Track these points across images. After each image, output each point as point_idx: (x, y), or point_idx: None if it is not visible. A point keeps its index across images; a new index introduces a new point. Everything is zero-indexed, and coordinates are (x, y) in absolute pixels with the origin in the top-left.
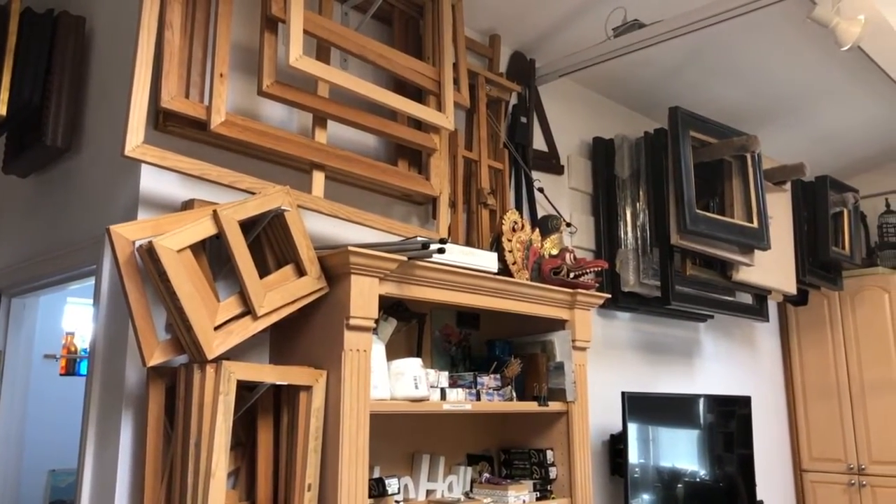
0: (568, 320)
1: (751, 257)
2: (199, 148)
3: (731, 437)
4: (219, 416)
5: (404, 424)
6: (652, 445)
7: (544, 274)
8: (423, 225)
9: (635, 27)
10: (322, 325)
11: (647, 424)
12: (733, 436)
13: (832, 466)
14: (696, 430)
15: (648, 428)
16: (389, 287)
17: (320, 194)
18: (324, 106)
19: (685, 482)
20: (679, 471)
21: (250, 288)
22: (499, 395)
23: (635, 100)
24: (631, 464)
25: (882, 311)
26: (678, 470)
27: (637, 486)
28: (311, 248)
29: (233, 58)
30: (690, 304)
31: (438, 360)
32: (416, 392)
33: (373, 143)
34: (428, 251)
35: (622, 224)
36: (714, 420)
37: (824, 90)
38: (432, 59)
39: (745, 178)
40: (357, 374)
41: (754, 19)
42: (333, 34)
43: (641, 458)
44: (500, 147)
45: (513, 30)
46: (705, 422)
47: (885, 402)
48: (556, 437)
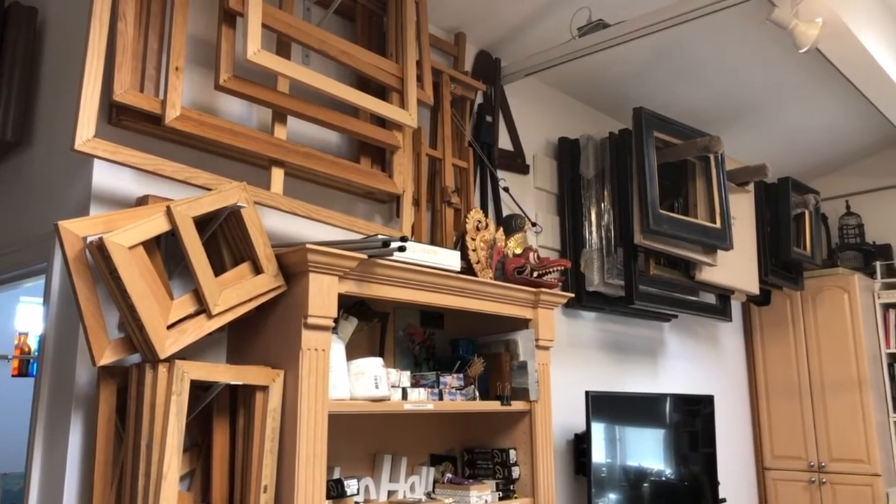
0: (531, 319)
1: (714, 257)
2: (155, 143)
3: (695, 436)
4: (171, 416)
5: (366, 424)
6: (617, 444)
7: (508, 273)
8: (386, 223)
9: (600, 27)
10: (280, 323)
11: (611, 424)
12: (697, 434)
13: (793, 464)
14: (660, 428)
15: (614, 427)
16: (350, 286)
17: (279, 191)
18: (283, 101)
19: (650, 481)
20: (644, 470)
21: (205, 286)
22: (462, 395)
23: (601, 100)
24: (596, 463)
25: (842, 311)
26: (643, 469)
27: (602, 486)
28: (269, 246)
29: (190, 51)
30: (654, 304)
31: (402, 359)
32: (377, 392)
33: (335, 140)
34: (388, 249)
35: (587, 224)
36: (678, 419)
37: (787, 93)
38: (395, 55)
39: (708, 179)
40: (315, 374)
41: (718, 22)
42: (293, 29)
43: (608, 458)
44: (466, 146)
45: (478, 28)
46: (669, 421)
47: (844, 400)
48: (520, 436)
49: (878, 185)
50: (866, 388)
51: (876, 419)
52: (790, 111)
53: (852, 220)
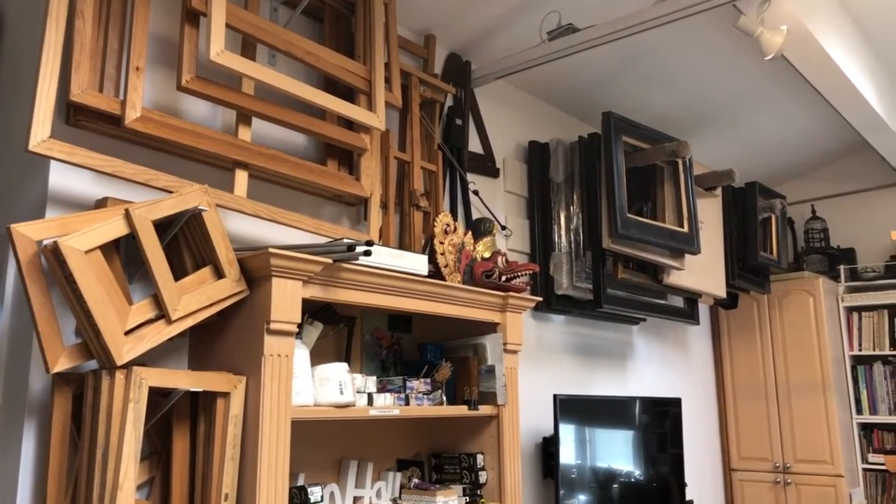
0: (500, 323)
1: (681, 261)
2: (116, 144)
3: (663, 438)
4: (128, 424)
5: (331, 430)
6: (586, 447)
7: (476, 277)
8: (354, 226)
9: (569, 31)
10: (242, 329)
11: (579, 427)
12: (664, 437)
13: (759, 465)
14: (628, 431)
15: (583, 430)
16: (314, 290)
17: (243, 194)
18: (248, 103)
19: (618, 483)
20: (612, 472)
21: (164, 291)
22: (429, 400)
23: (572, 104)
24: (565, 465)
25: (807, 314)
26: (611, 471)
27: (570, 488)
28: (231, 250)
29: (153, 51)
30: (622, 308)
31: (368, 364)
32: (341, 398)
33: (302, 142)
34: (354, 254)
35: (556, 228)
36: (645, 422)
37: (754, 99)
38: (363, 57)
39: (676, 184)
40: (278, 380)
41: (687, 28)
42: (258, 29)
43: (576, 461)
44: (435, 149)
45: (448, 30)
46: (637, 423)
47: (809, 402)
48: (487, 440)
49: (843, 189)
50: (830, 391)
51: (839, 421)
52: (757, 117)
53: (818, 225)
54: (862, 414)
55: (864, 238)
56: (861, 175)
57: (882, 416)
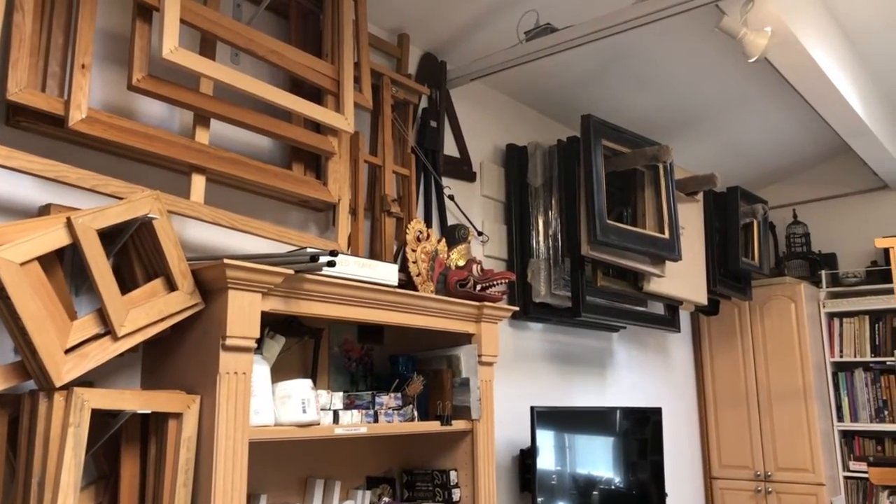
0: (474, 334)
1: (662, 268)
2: (64, 147)
3: (643, 448)
4: (67, 450)
5: (296, 448)
6: (566, 458)
7: (450, 286)
8: (322, 233)
9: (547, 31)
10: (196, 345)
11: (557, 439)
12: (644, 446)
13: (740, 473)
14: (607, 441)
15: (561, 441)
16: (275, 303)
17: (200, 200)
18: (206, 104)
19: (598, 492)
20: (592, 481)
21: (109, 305)
22: (399, 416)
23: (551, 106)
24: (543, 474)
25: (789, 320)
26: (591, 481)
27: (549, 500)
28: (184, 260)
29: (105, 48)
30: (602, 316)
31: (337, 377)
32: (304, 416)
33: (267, 145)
34: (317, 265)
35: (534, 233)
36: (625, 432)
37: (736, 101)
38: (331, 56)
39: (657, 189)
40: (234, 400)
41: (668, 29)
42: (216, 25)
43: (554, 472)
44: (408, 152)
45: (423, 30)
46: (616, 434)
47: (790, 409)
48: (461, 456)
49: (825, 194)
50: (811, 398)
51: (820, 428)
52: (739, 120)
53: (799, 229)
54: (843, 421)
55: (846, 243)
56: (843, 179)
57: (863, 424)
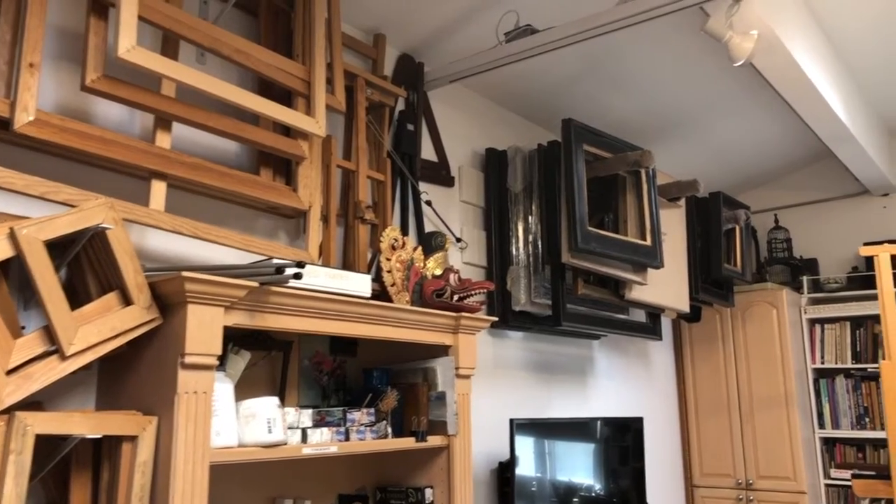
0: (451, 346)
1: (644, 276)
2: (13, 151)
3: (624, 458)
4: (8, 479)
5: (264, 467)
6: (545, 467)
7: (426, 296)
8: (292, 241)
9: (528, 32)
10: (154, 362)
11: (536, 450)
12: (625, 455)
13: (722, 482)
14: (588, 452)
15: (541, 453)
16: (239, 317)
17: (160, 207)
18: (166, 106)
19: (579, 500)
20: (572, 490)
21: (57, 322)
22: (372, 433)
23: (532, 110)
24: (525, 482)
25: (770, 326)
26: (571, 490)
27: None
28: (140, 273)
29: (59, 46)
30: (582, 325)
31: (307, 392)
32: (270, 437)
33: (236, 149)
34: (282, 277)
35: (514, 240)
36: (606, 441)
37: (719, 105)
38: (302, 56)
39: (639, 195)
40: (194, 421)
41: (651, 33)
42: (178, 23)
43: (534, 483)
44: (384, 156)
45: (400, 30)
46: (597, 444)
47: (771, 417)
48: (437, 473)
49: (806, 199)
50: (793, 405)
51: (801, 435)
52: (722, 125)
53: (781, 234)
54: (824, 428)
55: (827, 248)
56: (824, 185)
57: (844, 431)
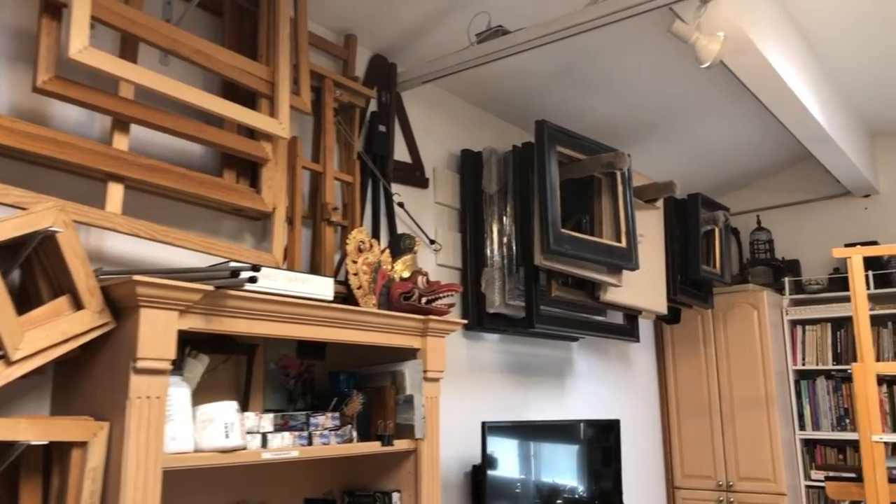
0: (420, 349)
1: (619, 277)
2: None
3: (600, 460)
4: None
5: (228, 472)
6: (520, 470)
7: (393, 299)
8: (258, 243)
9: (499, 33)
10: (107, 367)
11: (511, 452)
12: (602, 458)
13: (702, 483)
14: (565, 454)
15: (518, 452)
16: (195, 321)
17: (117, 210)
18: (124, 108)
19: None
20: (548, 492)
21: (2, 326)
22: (336, 437)
23: (509, 110)
24: (499, 486)
25: (751, 328)
26: (547, 492)
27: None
28: (92, 277)
29: (14, 46)
30: (557, 327)
31: (273, 396)
32: (227, 442)
33: (200, 151)
34: (238, 280)
35: (489, 242)
36: (582, 444)
37: (698, 107)
38: (266, 57)
39: (614, 196)
40: (146, 426)
41: (627, 33)
42: (133, 24)
43: (511, 479)
44: (354, 158)
45: (372, 30)
46: (573, 447)
47: (752, 418)
48: (404, 477)
49: (788, 200)
50: (773, 406)
51: (782, 437)
52: (702, 126)
53: (763, 236)
54: (805, 430)
55: (809, 250)
56: (806, 186)
57: (825, 432)
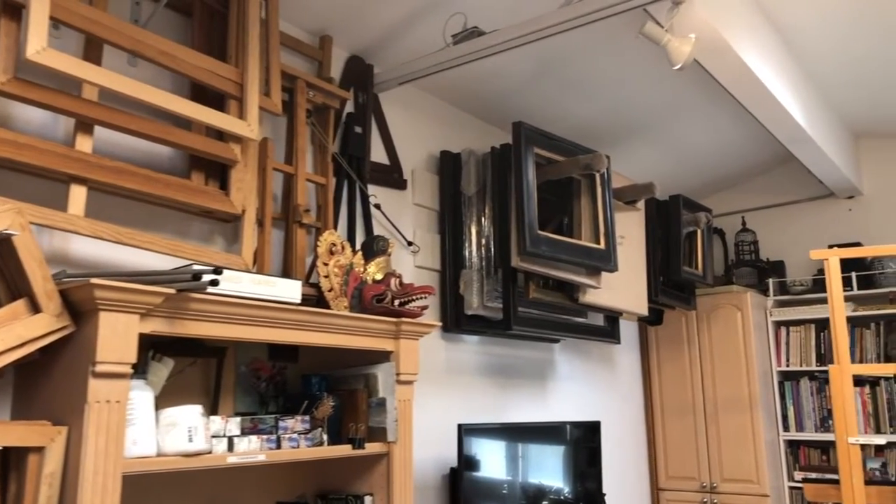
0: (393, 351)
1: (598, 279)
2: None
3: (580, 461)
4: None
5: (199, 476)
6: (499, 472)
7: (366, 302)
8: (229, 245)
9: (475, 35)
10: (66, 371)
11: (488, 454)
12: (583, 460)
13: (686, 485)
14: (544, 457)
15: (496, 455)
16: (156, 324)
17: (79, 212)
18: (86, 109)
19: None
20: (528, 495)
21: None
22: (306, 440)
23: (489, 111)
24: (478, 488)
25: (735, 329)
26: (526, 494)
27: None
28: (49, 280)
29: None
30: (536, 329)
31: (244, 399)
32: (191, 446)
33: (169, 153)
34: (200, 283)
35: (468, 243)
36: (562, 446)
37: (681, 109)
38: (235, 58)
39: (593, 198)
40: (105, 431)
41: (607, 34)
42: (96, 25)
43: (490, 482)
44: (328, 159)
45: (348, 32)
46: (552, 448)
47: (736, 419)
48: (377, 480)
49: (773, 201)
50: (757, 407)
51: (765, 438)
52: (686, 127)
53: (748, 237)
54: (789, 431)
55: (793, 251)
56: (790, 187)
57: (808, 433)
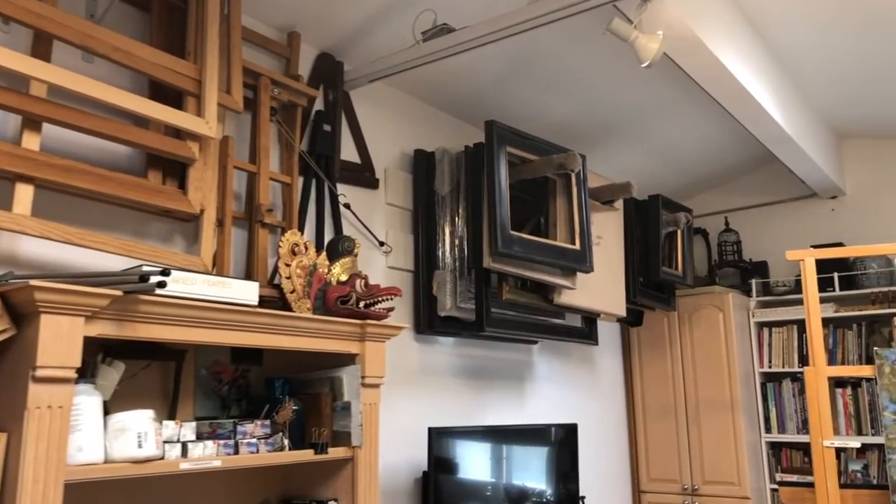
0: (358, 354)
1: (573, 280)
2: None
3: (557, 464)
4: None
5: (150, 482)
6: (472, 475)
7: (329, 303)
8: (189, 246)
9: (444, 32)
10: (8, 376)
11: (460, 458)
12: (559, 462)
13: (668, 487)
14: (521, 460)
15: (470, 458)
16: (104, 327)
17: (26, 212)
18: (32, 106)
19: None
20: (504, 497)
21: None
22: (267, 445)
23: (464, 110)
24: (452, 491)
25: (717, 330)
26: (503, 496)
27: None
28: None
29: None
30: (510, 330)
31: (204, 403)
32: (140, 451)
33: (127, 151)
34: (147, 285)
35: (441, 244)
36: (539, 448)
37: (661, 108)
38: (194, 55)
39: (568, 197)
40: (46, 437)
41: (581, 31)
42: (42, 19)
43: (463, 485)
44: (295, 158)
45: (317, 28)
46: (528, 451)
47: (717, 421)
48: (342, 485)
49: (756, 202)
50: (738, 409)
51: (747, 440)
52: (666, 127)
53: (731, 237)
54: (771, 432)
55: (777, 251)
56: (773, 187)
57: (790, 435)
